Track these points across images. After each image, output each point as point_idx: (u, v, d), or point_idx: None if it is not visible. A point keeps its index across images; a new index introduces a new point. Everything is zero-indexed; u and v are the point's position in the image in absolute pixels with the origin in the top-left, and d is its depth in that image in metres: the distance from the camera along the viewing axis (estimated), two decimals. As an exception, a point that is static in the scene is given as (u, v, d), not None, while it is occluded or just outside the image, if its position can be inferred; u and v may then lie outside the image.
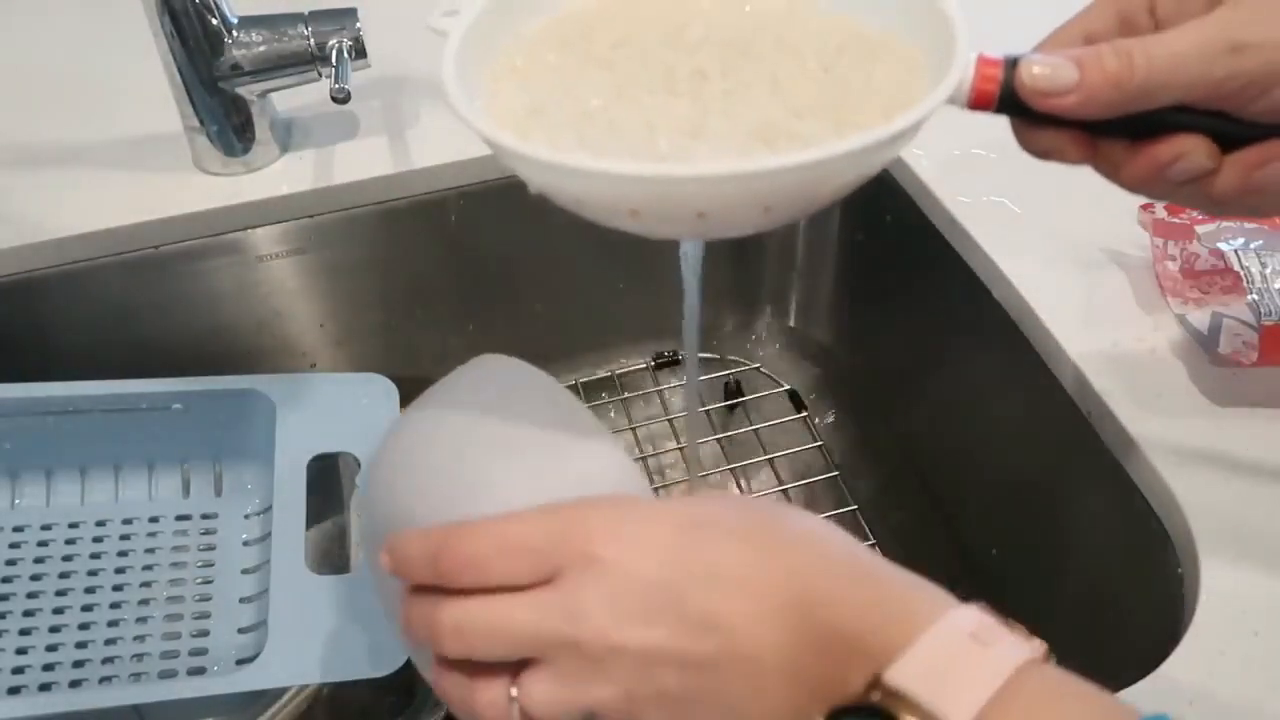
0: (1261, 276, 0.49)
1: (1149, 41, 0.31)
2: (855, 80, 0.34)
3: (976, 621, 0.28)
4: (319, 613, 0.50)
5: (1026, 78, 0.31)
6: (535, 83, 0.36)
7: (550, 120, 0.34)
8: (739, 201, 0.31)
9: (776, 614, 0.28)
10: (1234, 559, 0.43)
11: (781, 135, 0.33)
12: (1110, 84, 0.30)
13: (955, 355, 0.66)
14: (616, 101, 0.34)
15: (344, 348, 0.73)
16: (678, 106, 0.34)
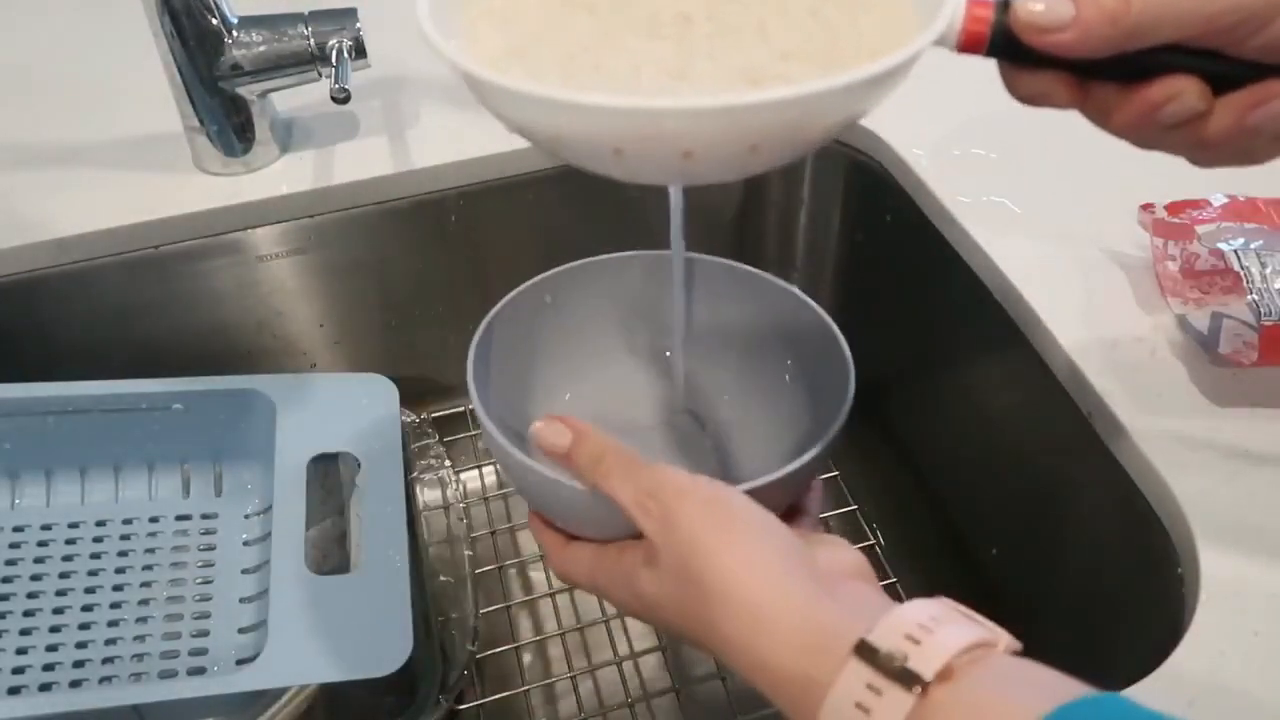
0: (1261, 276, 0.49)
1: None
2: (843, 25, 0.34)
3: (941, 604, 0.30)
4: (319, 613, 0.50)
5: (1023, 13, 0.31)
6: (515, 25, 0.35)
7: (531, 61, 0.33)
8: (725, 139, 0.30)
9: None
10: (1234, 559, 0.43)
11: (768, 76, 0.32)
12: (1106, 19, 0.30)
13: (955, 355, 0.66)
14: (600, 44, 0.34)
15: (344, 348, 0.73)
16: (663, 49, 0.33)
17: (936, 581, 0.66)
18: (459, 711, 0.59)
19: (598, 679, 0.62)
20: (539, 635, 0.66)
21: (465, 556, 0.63)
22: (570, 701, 0.62)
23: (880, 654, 0.28)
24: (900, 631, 0.29)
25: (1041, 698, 0.26)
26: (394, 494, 0.56)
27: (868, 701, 0.28)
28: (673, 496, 0.35)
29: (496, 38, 0.35)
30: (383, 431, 0.59)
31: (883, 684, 0.28)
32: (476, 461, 0.75)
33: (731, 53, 0.33)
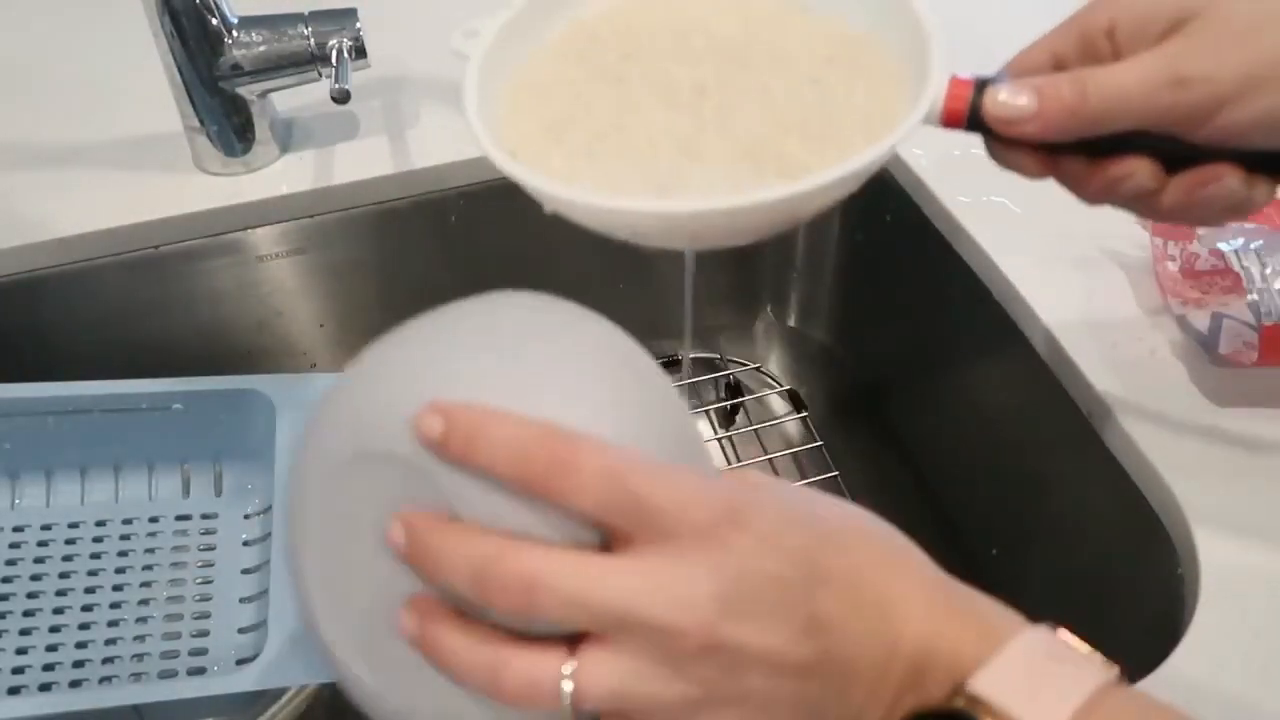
0: (1261, 276, 0.49)
1: (1101, 73, 0.33)
2: (840, 94, 0.37)
3: (1052, 640, 0.29)
4: (319, 613, 0.50)
5: (991, 106, 0.34)
6: (553, 99, 0.39)
7: (565, 141, 0.38)
8: (728, 225, 0.34)
9: (875, 626, 0.28)
10: (1234, 559, 0.43)
11: (770, 156, 0.36)
12: (1066, 112, 0.33)
13: (955, 355, 0.66)
14: (625, 117, 0.38)
15: (344, 348, 0.73)
16: (679, 123, 0.37)
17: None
18: (459, 711, 0.59)
19: (598, 679, 0.62)
20: (539, 635, 0.66)
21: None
22: (570, 701, 0.62)
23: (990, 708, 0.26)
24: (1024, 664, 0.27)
25: None
26: (394, 494, 0.55)
27: (1059, 652, 0.28)
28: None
29: (536, 114, 0.39)
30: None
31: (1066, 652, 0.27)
32: (476, 461, 0.75)
33: (739, 126, 0.37)
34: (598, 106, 0.38)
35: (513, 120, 0.39)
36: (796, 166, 0.35)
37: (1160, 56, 0.33)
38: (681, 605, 0.25)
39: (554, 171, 0.36)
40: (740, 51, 0.40)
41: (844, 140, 0.36)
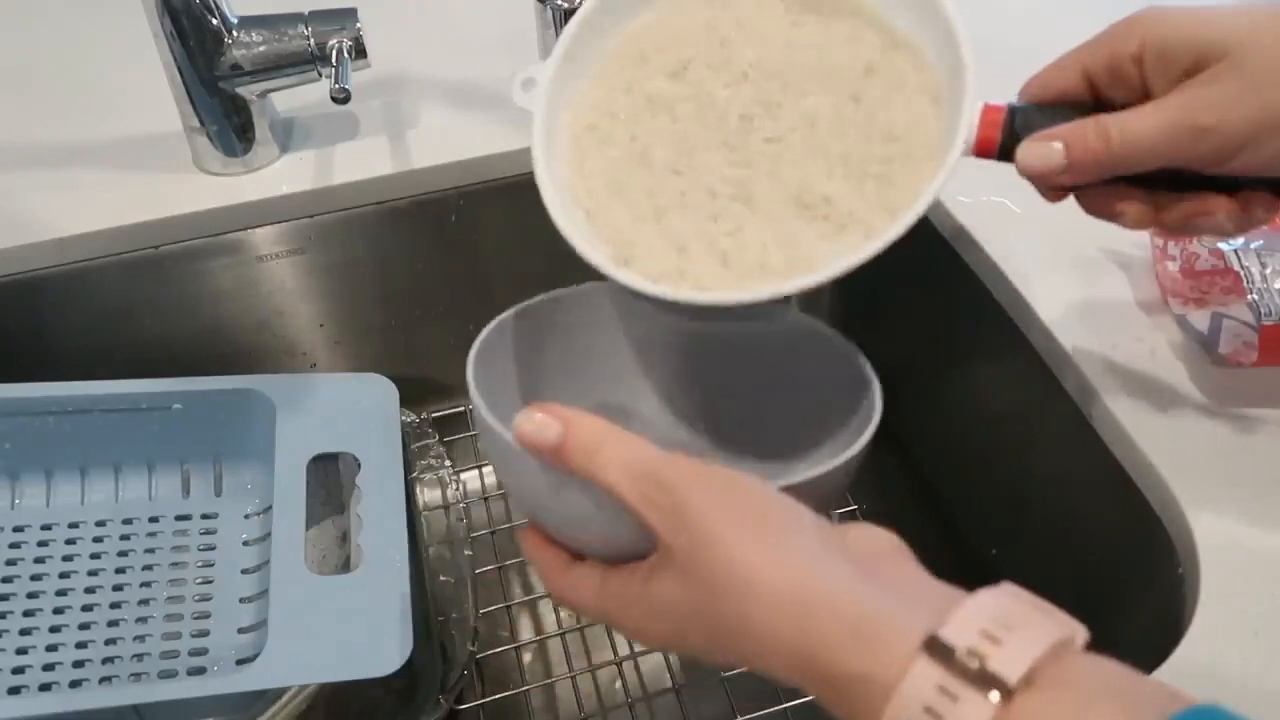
0: (1261, 276, 0.49)
1: (1125, 119, 0.36)
2: (880, 120, 0.40)
3: (1015, 594, 0.28)
4: (319, 613, 0.50)
5: (1023, 163, 0.37)
6: (610, 145, 0.42)
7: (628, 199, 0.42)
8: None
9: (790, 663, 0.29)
10: (1234, 559, 0.43)
11: (818, 201, 0.39)
12: (1093, 161, 0.36)
13: (955, 355, 0.66)
14: (682, 160, 0.41)
15: (344, 347, 0.73)
16: (731, 169, 0.41)
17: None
18: (459, 711, 0.59)
19: (598, 679, 0.62)
20: (539, 635, 0.66)
21: (465, 556, 0.63)
22: (570, 701, 0.62)
23: (956, 652, 0.26)
24: (976, 627, 0.26)
25: (1133, 712, 0.25)
26: (394, 494, 0.56)
27: (941, 707, 0.25)
28: (681, 485, 0.31)
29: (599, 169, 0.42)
30: (383, 431, 0.59)
31: (959, 688, 0.25)
32: (476, 461, 0.75)
33: (786, 171, 0.40)
34: (655, 152, 0.41)
35: (579, 177, 0.42)
36: (842, 214, 0.39)
37: (1180, 107, 0.35)
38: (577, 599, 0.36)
39: (619, 234, 0.41)
40: (783, 67, 0.42)
41: (886, 177, 0.39)
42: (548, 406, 0.34)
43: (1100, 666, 0.27)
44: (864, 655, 0.27)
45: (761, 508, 0.31)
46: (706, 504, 0.31)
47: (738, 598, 0.29)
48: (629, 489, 0.32)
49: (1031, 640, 0.26)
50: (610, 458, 0.32)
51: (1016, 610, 0.27)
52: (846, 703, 0.28)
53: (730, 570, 0.30)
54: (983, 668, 0.25)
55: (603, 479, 0.32)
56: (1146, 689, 0.26)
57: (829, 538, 0.31)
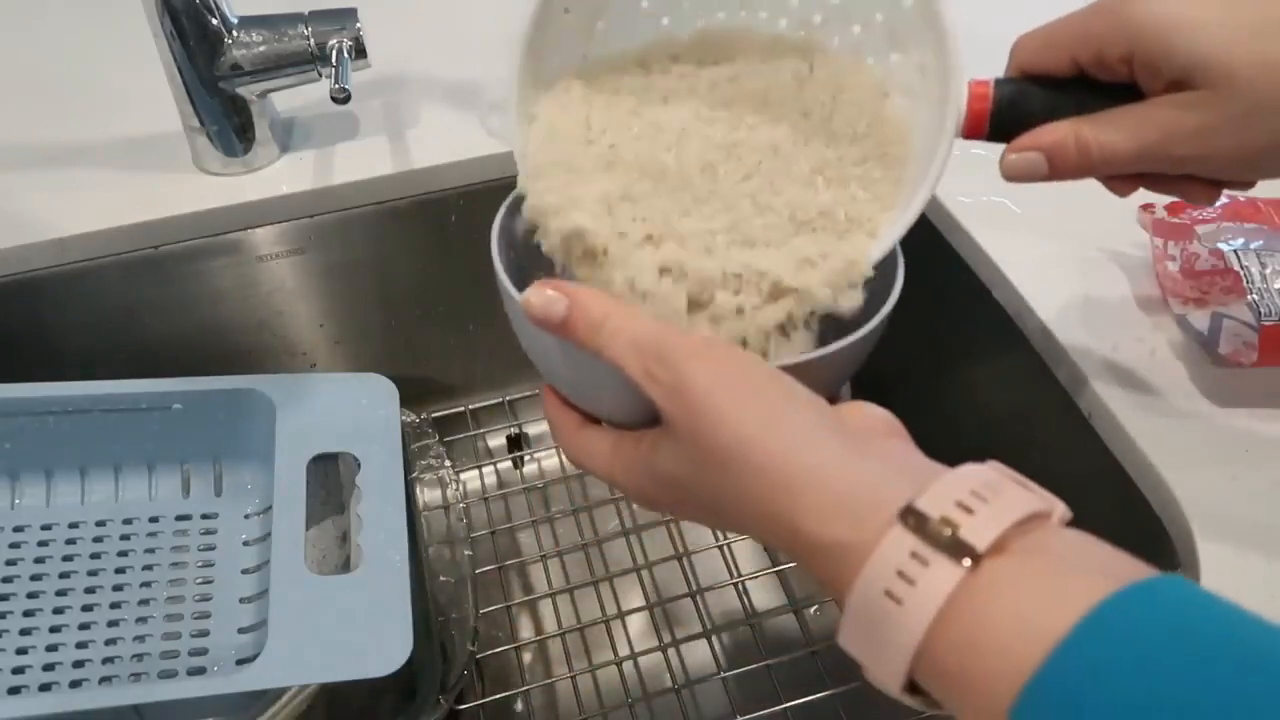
0: (1261, 276, 0.49)
1: (1105, 137, 0.36)
2: (838, 123, 0.40)
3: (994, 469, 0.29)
4: (319, 613, 0.50)
5: (1006, 171, 0.38)
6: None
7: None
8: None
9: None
10: (1234, 558, 0.43)
11: (815, 218, 0.39)
12: (1073, 170, 0.37)
13: (955, 355, 0.66)
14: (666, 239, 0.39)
15: (344, 347, 0.73)
16: (716, 220, 0.39)
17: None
18: (459, 711, 0.59)
19: (598, 679, 0.62)
20: (539, 635, 0.66)
21: (465, 556, 0.63)
22: (570, 701, 0.62)
23: (930, 521, 0.27)
24: (951, 498, 0.27)
25: (1097, 579, 0.25)
26: (394, 494, 0.56)
27: (912, 571, 0.26)
28: (683, 360, 0.32)
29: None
30: (383, 431, 0.59)
31: (930, 554, 0.26)
32: (476, 461, 0.75)
33: (772, 199, 0.39)
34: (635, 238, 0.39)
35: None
36: (841, 221, 0.39)
37: (1160, 128, 0.36)
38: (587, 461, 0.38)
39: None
40: (712, 110, 0.41)
41: (867, 176, 0.39)
42: (556, 282, 0.35)
43: (1076, 539, 0.27)
44: (845, 523, 0.28)
45: (759, 383, 0.32)
46: (705, 378, 0.32)
47: (732, 468, 0.31)
48: (632, 363, 0.33)
49: (1005, 510, 0.27)
50: (615, 332, 0.34)
51: (996, 483, 0.28)
52: (827, 568, 0.29)
53: (726, 442, 0.31)
54: (954, 535, 0.26)
55: (607, 353, 0.34)
56: (1119, 561, 0.27)
57: (824, 412, 0.32)
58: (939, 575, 0.26)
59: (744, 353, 0.34)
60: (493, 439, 0.77)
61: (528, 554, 0.70)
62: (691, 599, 0.66)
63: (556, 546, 0.69)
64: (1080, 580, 0.25)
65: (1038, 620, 0.24)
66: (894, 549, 0.27)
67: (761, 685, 0.61)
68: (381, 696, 0.56)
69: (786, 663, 0.62)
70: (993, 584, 0.26)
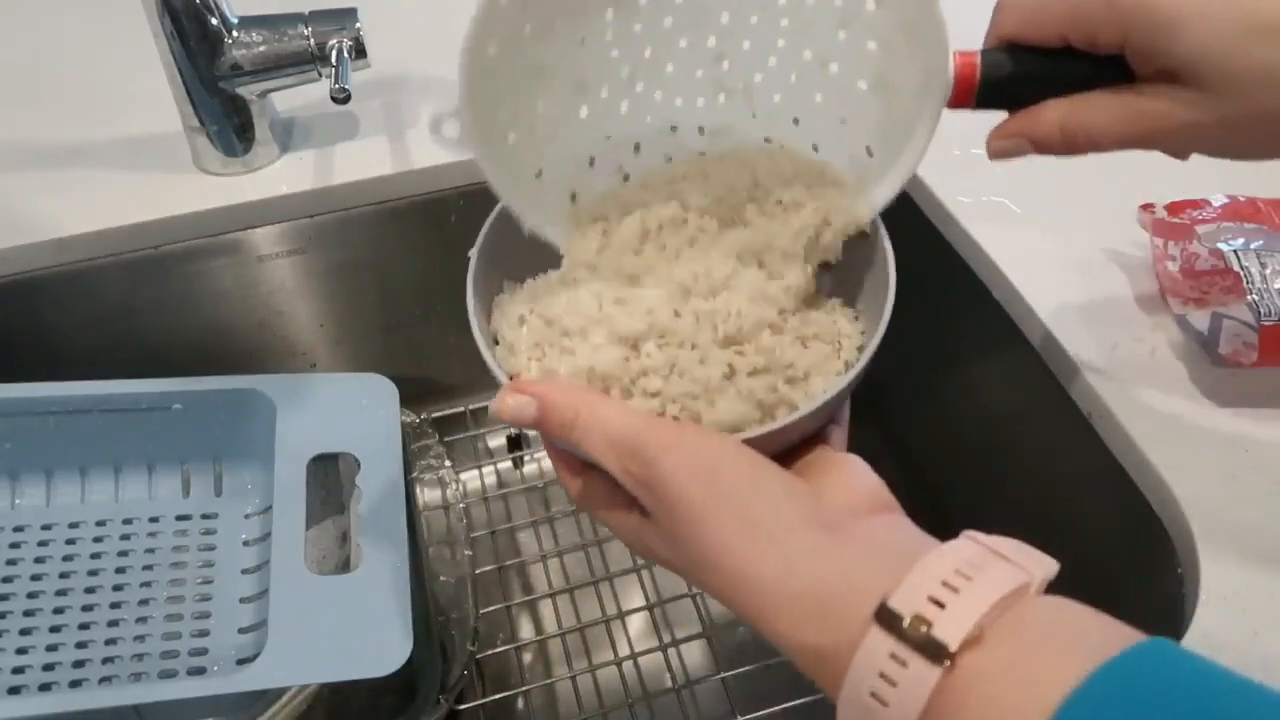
0: (1261, 277, 0.49)
1: (1092, 125, 0.36)
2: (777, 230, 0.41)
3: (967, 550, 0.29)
4: (319, 613, 0.50)
5: (992, 153, 0.39)
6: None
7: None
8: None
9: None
10: (1234, 559, 0.43)
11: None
12: (1058, 151, 0.37)
13: (955, 355, 0.66)
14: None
15: (344, 348, 0.73)
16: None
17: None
18: (459, 711, 0.59)
19: (598, 679, 0.62)
20: (539, 635, 0.66)
21: (465, 556, 0.63)
22: (570, 701, 0.62)
23: (904, 622, 0.27)
24: (924, 592, 0.27)
25: (1074, 658, 0.25)
26: (394, 494, 0.56)
27: (892, 673, 0.26)
28: (656, 456, 0.32)
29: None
30: (383, 431, 0.59)
31: (907, 654, 0.26)
32: (476, 461, 0.75)
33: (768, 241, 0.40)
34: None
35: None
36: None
37: (1150, 120, 0.35)
38: (588, 507, 0.37)
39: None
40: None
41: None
42: (524, 384, 0.35)
43: (1054, 611, 0.27)
44: (823, 629, 0.29)
45: (732, 480, 0.32)
46: (679, 477, 0.32)
47: (711, 571, 0.31)
48: (609, 460, 0.33)
49: (979, 596, 0.27)
50: (587, 428, 0.34)
51: (972, 562, 0.28)
52: (809, 669, 0.30)
53: (702, 548, 0.31)
54: (928, 635, 0.26)
55: (583, 449, 0.34)
56: (1099, 630, 0.27)
57: (800, 501, 0.32)
58: (918, 676, 0.26)
59: (716, 443, 0.33)
60: (493, 439, 0.77)
61: (528, 554, 0.70)
62: (691, 599, 0.66)
63: (556, 546, 0.69)
64: (1058, 661, 0.25)
65: (1018, 711, 0.25)
66: (873, 652, 0.27)
67: (761, 685, 0.61)
68: (381, 696, 0.56)
69: (786, 663, 0.61)
70: (970, 679, 0.26)
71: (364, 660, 0.48)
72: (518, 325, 0.41)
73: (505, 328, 0.41)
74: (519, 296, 0.42)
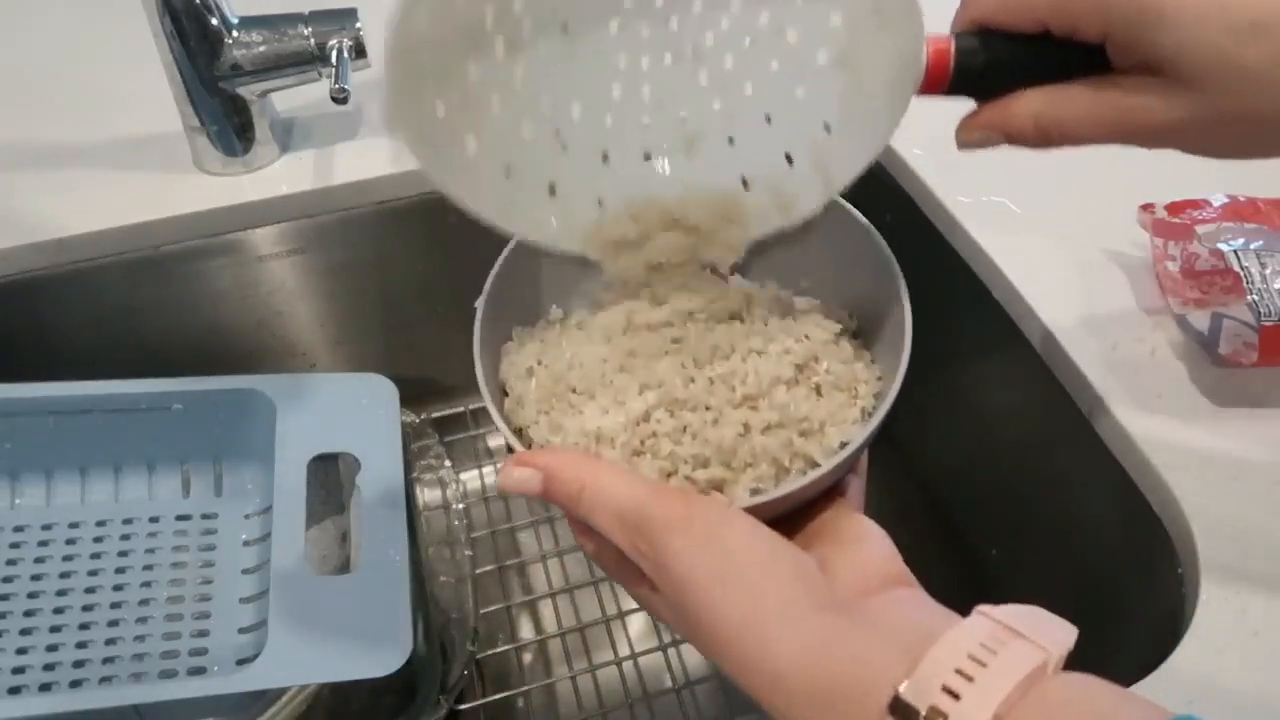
0: (1261, 277, 0.49)
1: (1064, 113, 0.35)
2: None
3: (979, 630, 0.27)
4: (319, 613, 0.50)
5: (962, 143, 0.38)
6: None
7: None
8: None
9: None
10: (1234, 559, 0.43)
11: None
12: (1031, 145, 0.36)
13: (954, 356, 0.66)
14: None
15: (344, 348, 0.73)
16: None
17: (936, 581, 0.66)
18: (459, 711, 0.59)
19: (598, 679, 0.63)
20: (539, 635, 0.66)
21: (465, 556, 0.63)
22: (570, 701, 0.62)
23: (919, 716, 0.26)
24: (938, 681, 0.26)
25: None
26: (394, 494, 0.56)
27: None
28: (662, 534, 0.31)
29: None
30: (383, 431, 0.59)
31: None
32: (476, 462, 0.75)
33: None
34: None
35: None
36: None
37: (1124, 114, 0.34)
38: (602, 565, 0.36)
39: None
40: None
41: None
42: (527, 456, 0.34)
43: (1076, 691, 0.26)
44: (835, 717, 0.28)
45: (740, 561, 0.31)
46: (685, 558, 0.31)
47: (721, 655, 0.30)
48: (617, 534, 0.32)
49: (994, 684, 0.26)
50: (593, 503, 0.33)
51: (988, 643, 0.27)
52: None
53: (709, 631, 0.30)
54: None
55: (591, 521, 0.33)
56: (1124, 711, 0.26)
57: (808, 582, 0.31)
58: None
59: (725, 520, 0.31)
60: (493, 439, 0.77)
61: (528, 554, 0.70)
62: (691, 599, 0.66)
63: (556, 546, 0.69)
64: None
65: None
66: None
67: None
68: (381, 696, 0.56)
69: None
70: None
71: (364, 660, 0.48)
72: (526, 378, 0.40)
73: (514, 379, 0.40)
74: (528, 346, 0.41)
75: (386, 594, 0.51)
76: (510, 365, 0.41)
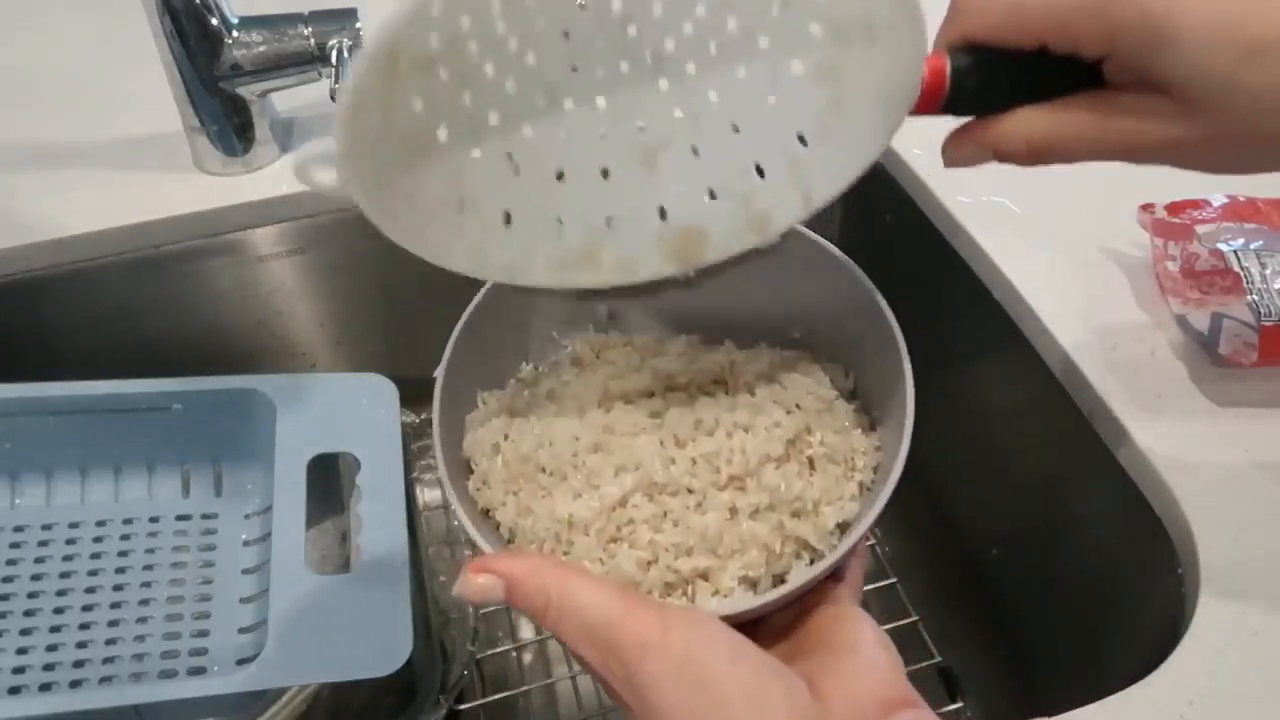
0: (1261, 277, 0.49)
1: (1056, 132, 0.34)
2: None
3: None
4: (319, 613, 0.50)
5: (949, 160, 0.36)
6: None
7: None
8: None
9: None
10: (1234, 559, 0.43)
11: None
12: (1022, 164, 0.35)
13: (954, 356, 0.66)
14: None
15: (344, 348, 0.73)
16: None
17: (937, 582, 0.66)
18: (459, 711, 0.59)
19: (598, 679, 0.63)
20: (539, 635, 0.66)
21: (465, 557, 0.63)
22: (570, 701, 0.62)
23: None
24: None
25: None
26: (394, 494, 0.55)
27: None
28: (634, 657, 0.28)
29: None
30: (383, 431, 0.59)
31: None
32: (476, 461, 0.75)
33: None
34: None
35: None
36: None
37: (1120, 135, 0.33)
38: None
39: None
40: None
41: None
42: (489, 561, 0.31)
43: None
44: None
45: (722, 694, 0.28)
46: (661, 690, 0.28)
47: None
48: (588, 654, 0.30)
49: None
50: (561, 616, 0.30)
51: None
52: None
53: None
54: None
55: (560, 637, 0.31)
56: None
57: (799, 715, 0.29)
58: None
59: (704, 640, 0.29)
60: (493, 439, 0.77)
61: (528, 554, 0.70)
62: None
63: (556, 546, 0.69)
64: None
65: None
66: None
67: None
68: (381, 696, 0.56)
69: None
70: None
71: (364, 660, 0.48)
72: (492, 454, 0.37)
73: (479, 455, 0.37)
74: (495, 420, 0.38)
75: (386, 594, 0.51)
76: (474, 441, 0.38)
